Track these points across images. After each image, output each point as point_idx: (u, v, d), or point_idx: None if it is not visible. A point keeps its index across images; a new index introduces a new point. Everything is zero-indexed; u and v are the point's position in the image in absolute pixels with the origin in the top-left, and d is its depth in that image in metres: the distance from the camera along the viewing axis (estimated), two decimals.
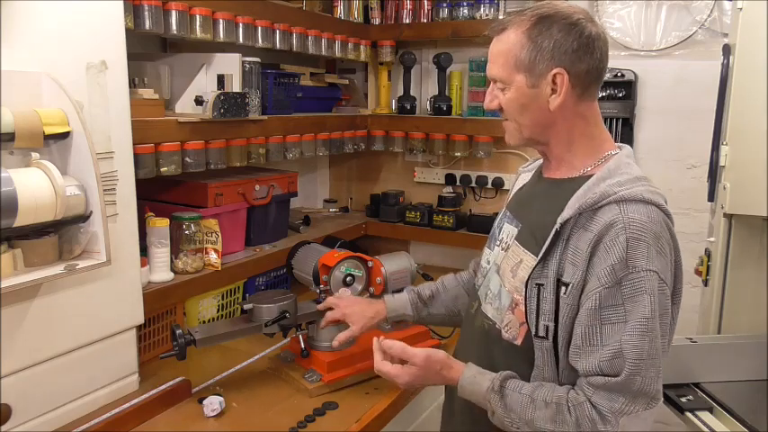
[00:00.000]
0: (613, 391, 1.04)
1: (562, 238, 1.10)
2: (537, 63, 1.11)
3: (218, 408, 1.47)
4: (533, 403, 1.10)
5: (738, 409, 1.42)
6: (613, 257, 1.03)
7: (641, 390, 1.03)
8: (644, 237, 1.04)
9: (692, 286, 2.31)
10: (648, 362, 1.03)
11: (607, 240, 1.04)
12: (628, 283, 1.03)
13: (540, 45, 1.11)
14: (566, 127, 1.17)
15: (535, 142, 1.21)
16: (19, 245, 1.22)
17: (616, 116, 2.36)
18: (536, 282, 1.11)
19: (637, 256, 1.03)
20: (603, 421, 1.05)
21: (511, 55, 1.13)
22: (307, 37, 2.23)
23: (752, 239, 1.66)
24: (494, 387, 1.13)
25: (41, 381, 1.33)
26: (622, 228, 1.04)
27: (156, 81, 1.83)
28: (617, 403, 1.04)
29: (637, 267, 1.03)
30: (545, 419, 1.08)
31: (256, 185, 2.11)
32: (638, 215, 1.05)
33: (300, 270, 1.84)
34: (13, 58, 1.22)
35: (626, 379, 1.03)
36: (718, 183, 1.65)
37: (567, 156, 1.19)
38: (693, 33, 2.27)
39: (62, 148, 1.28)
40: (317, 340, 1.69)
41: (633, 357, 1.02)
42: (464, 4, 2.48)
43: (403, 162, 2.87)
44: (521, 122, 1.18)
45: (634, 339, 1.03)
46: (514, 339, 1.17)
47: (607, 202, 1.07)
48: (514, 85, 1.15)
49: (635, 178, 1.10)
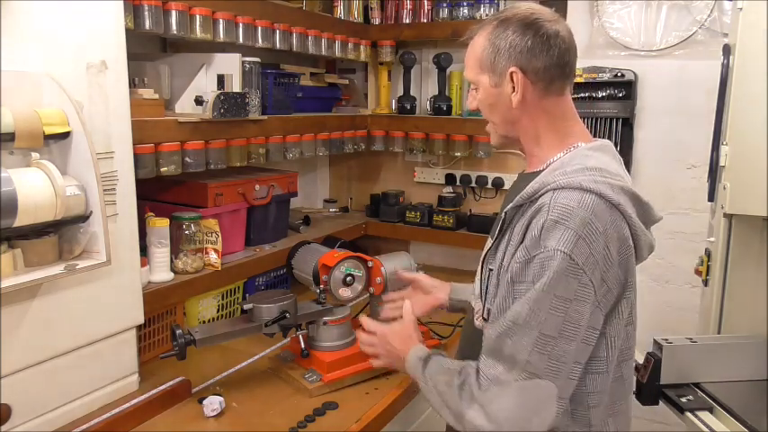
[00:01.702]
0: (494, 354, 1.10)
1: (510, 226, 1.16)
2: (497, 63, 1.18)
3: (218, 408, 1.47)
4: (441, 370, 1.21)
5: (738, 409, 1.42)
6: (530, 237, 1.08)
7: (512, 354, 1.06)
8: (563, 220, 1.04)
9: (691, 286, 2.32)
10: (523, 328, 1.05)
11: (532, 223, 1.09)
12: (537, 261, 1.06)
13: (497, 46, 1.17)
14: (531, 122, 1.21)
15: (510, 140, 1.27)
16: (19, 245, 1.22)
17: (616, 116, 2.36)
18: (488, 266, 1.19)
19: (549, 237, 1.05)
20: (479, 387, 1.10)
21: (476, 58, 1.22)
22: (307, 37, 2.23)
23: (752, 239, 1.66)
24: (421, 356, 1.27)
25: (41, 381, 1.33)
26: (545, 211, 1.07)
27: (156, 81, 1.83)
28: (495, 370, 1.09)
29: (547, 247, 1.04)
30: (443, 384, 1.18)
31: (256, 185, 2.11)
32: (567, 201, 1.06)
33: (300, 270, 1.84)
34: (13, 58, 1.22)
35: (498, 337, 1.08)
36: (718, 183, 1.65)
37: (536, 150, 1.24)
38: (693, 33, 2.27)
39: (62, 148, 1.28)
40: (317, 340, 1.69)
41: (509, 318, 1.07)
42: (464, 4, 2.48)
43: (403, 162, 2.87)
44: (493, 121, 1.26)
45: (516, 306, 1.07)
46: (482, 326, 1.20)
47: (545, 191, 1.10)
48: (482, 86, 1.23)
49: (584, 168, 1.11)
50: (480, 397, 1.09)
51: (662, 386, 1.53)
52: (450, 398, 1.15)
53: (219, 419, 1.47)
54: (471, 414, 1.10)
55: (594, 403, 1.14)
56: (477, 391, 1.10)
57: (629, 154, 2.39)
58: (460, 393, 1.12)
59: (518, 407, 1.07)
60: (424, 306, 1.63)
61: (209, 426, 1.45)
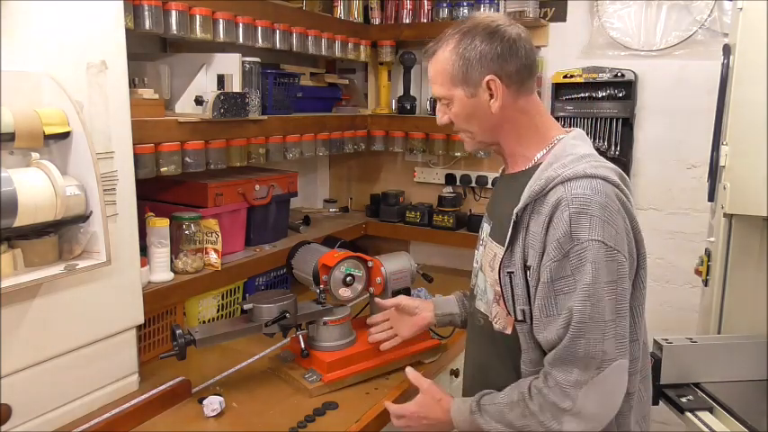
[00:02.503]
0: (566, 361, 1.11)
1: (522, 226, 1.17)
2: (469, 74, 1.20)
3: (218, 408, 1.47)
4: (506, 407, 1.18)
5: (738, 409, 1.42)
6: (559, 232, 1.10)
7: (587, 353, 1.09)
8: (586, 209, 1.09)
9: (691, 286, 2.32)
10: (591, 325, 1.09)
11: (555, 218, 1.11)
12: (574, 254, 1.09)
13: (467, 58, 1.19)
14: (511, 124, 1.25)
15: (488, 144, 1.30)
16: (19, 245, 1.22)
17: (616, 116, 2.36)
18: (507, 270, 1.19)
19: (580, 229, 1.09)
20: (564, 397, 1.11)
21: (446, 73, 1.23)
22: (307, 37, 2.23)
23: (752, 239, 1.66)
24: (472, 409, 1.23)
25: (41, 381, 1.33)
26: (566, 204, 1.10)
27: (156, 81, 1.83)
28: (572, 374, 1.10)
29: (580, 239, 1.09)
30: (518, 417, 1.17)
31: (256, 185, 2.11)
32: (582, 190, 1.11)
33: (300, 270, 1.84)
34: (13, 58, 1.22)
35: (570, 342, 1.10)
36: (718, 183, 1.65)
37: (519, 149, 1.27)
38: (693, 33, 2.27)
39: (62, 148, 1.28)
40: (317, 340, 1.69)
41: (576, 321, 1.09)
42: (464, 4, 2.48)
43: (403, 162, 2.87)
44: (471, 130, 1.27)
45: (578, 305, 1.09)
46: (505, 329, 1.25)
47: (554, 185, 1.13)
48: (456, 99, 1.24)
49: (579, 157, 1.17)
50: (570, 407, 1.11)
51: (662, 386, 1.53)
52: (534, 426, 1.15)
53: (219, 419, 1.47)
54: (567, 427, 1.12)
55: (632, 371, 1.17)
56: (562, 403, 1.11)
57: (629, 154, 2.39)
58: (544, 415, 1.13)
59: (605, 396, 1.13)
60: (411, 328, 1.63)
61: (209, 426, 1.45)
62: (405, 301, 1.65)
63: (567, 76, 2.42)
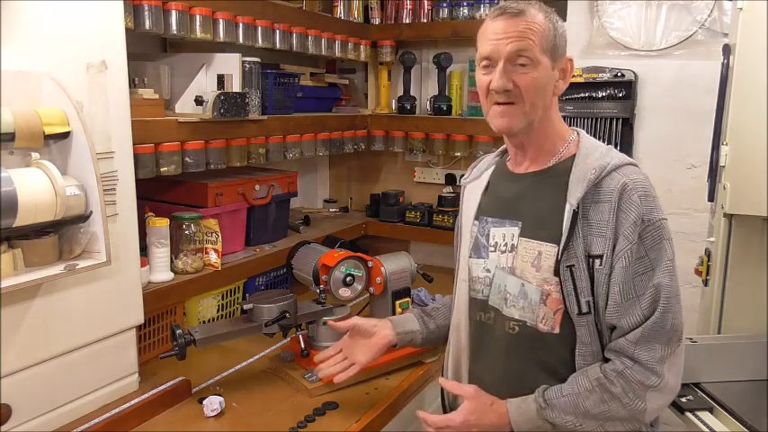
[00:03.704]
0: (650, 338, 1.13)
1: (579, 217, 1.17)
2: (558, 48, 1.20)
3: (218, 408, 1.47)
4: (579, 396, 1.16)
5: (738, 409, 1.41)
6: (633, 216, 1.14)
7: (673, 326, 1.14)
8: (649, 192, 1.16)
9: (692, 286, 2.32)
10: (674, 299, 1.15)
11: (623, 203, 1.14)
12: (648, 235, 1.14)
13: (559, 32, 1.20)
14: (550, 114, 1.25)
15: (532, 127, 1.22)
16: (19, 245, 1.22)
17: (616, 116, 2.36)
18: (566, 264, 1.17)
19: (650, 210, 1.14)
20: (651, 374, 1.13)
21: (542, 36, 1.17)
22: (307, 37, 2.23)
23: (752, 239, 1.66)
24: (541, 406, 1.18)
25: (41, 381, 1.33)
26: (632, 188, 1.15)
27: (156, 81, 1.83)
28: (657, 352, 1.13)
29: (652, 219, 1.14)
30: (596, 404, 1.15)
31: (256, 185, 2.11)
32: (635, 175, 1.17)
33: (300, 270, 1.84)
34: (13, 58, 1.22)
35: (660, 317, 1.13)
36: (718, 183, 1.65)
37: (545, 143, 1.26)
38: (693, 33, 2.27)
39: (62, 148, 1.28)
40: (317, 340, 1.69)
41: (665, 296, 1.13)
42: (464, 4, 2.48)
43: (403, 162, 2.87)
44: (534, 103, 1.19)
45: (665, 280, 1.14)
46: (553, 329, 1.21)
47: (606, 172, 1.17)
48: (541, 65, 1.18)
49: (607, 148, 1.23)
50: (656, 383, 1.13)
51: None
52: (616, 409, 1.14)
53: (219, 419, 1.47)
54: (651, 405, 1.14)
55: None
56: (649, 380, 1.13)
57: (629, 154, 2.38)
58: (628, 396, 1.14)
59: (680, 365, 1.18)
60: (371, 349, 1.44)
61: (209, 426, 1.45)
62: (360, 322, 1.47)
63: None
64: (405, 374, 1.70)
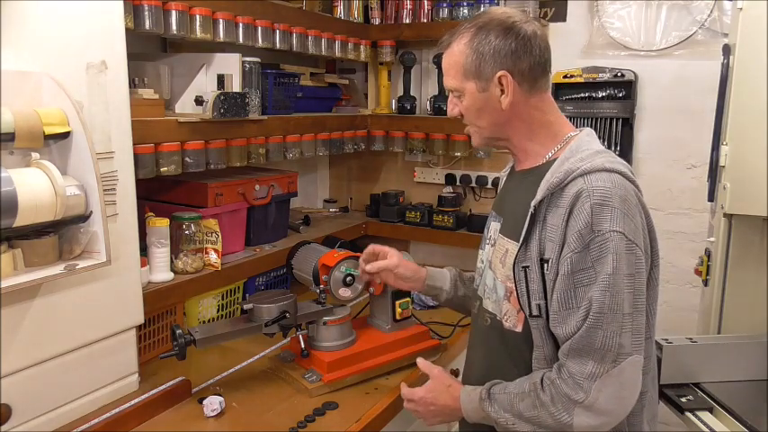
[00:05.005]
0: (581, 353, 1.10)
1: (538, 219, 1.17)
2: (482, 69, 1.20)
3: (218, 408, 1.47)
4: (517, 396, 1.18)
5: (738, 409, 1.42)
6: (580, 224, 1.10)
7: (603, 344, 1.08)
8: (608, 201, 1.10)
9: (692, 286, 2.32)
10: (610, 316, 1.08)
11: (575, 210, 1.11)
12: (594, 245, 1.09)
13: (481, 52, 1.19)
14: (522, 121, 1.25)
15: (497, 140, 1.30)
16: (19, 245, 1.22)
17: (616, 116, 2.36)
18: (522, 265, 1.18)
19: (601, 220, 1.09)
20: (576, 389, 1.10)
21: (459, 66, 1.22)
22: (307, 37, 2.23)
23: (752, 239, 1.66)
24: (482, 396, 1.22)
25: (41, 381, 1.33)
26: (587, 196, 1.10)
27: (156, 81, 1.83)
28: (587, 366, 1.09)
29: (601, 230, 1.09)
30: (528, 408, 1.16)
31: (256, 185, 2.11)
32: (602, 182, 1.11)
33: (300, 270, 1.84)
34: (13, 58, 1.22)
35: (587, 332, 1.09)
36: (718, 183, 1.65)
37: (530, 146, 1.27)
38: (693, 33, 2.27)
39: (62, 148, 1.28)
40: (317, 340, 1.69)
41: (595, 311, 1.08)
42: (464, 4, 2.48)
43: (403, 162, 2.87)
44: (480, 125, 1.27)
45: (597, 295, 1.08)
46: (515, 327, 1.24)
47: (572, 177, 1.14)
48: (467, 92, 1.24)
49: (595, 152, 1.18)
50: (582, 399, 1.10)
51: (662, 386, 1.53)
52: (544, 417, 1.14)
53: (219, 419, 1.47)
54: (578, 420, 1.11)
55: (645, 369, 1.16)
56: (575, 395, 1.10)
57: (629, 154, 2.39)
58: (555, 407, 1.12)
59: (620, 389, 1.11)
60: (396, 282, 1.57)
61: (209, 426, 1.45)
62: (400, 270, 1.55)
63: (567, 76, 2.42)
64: (405, 374, 1.70)
